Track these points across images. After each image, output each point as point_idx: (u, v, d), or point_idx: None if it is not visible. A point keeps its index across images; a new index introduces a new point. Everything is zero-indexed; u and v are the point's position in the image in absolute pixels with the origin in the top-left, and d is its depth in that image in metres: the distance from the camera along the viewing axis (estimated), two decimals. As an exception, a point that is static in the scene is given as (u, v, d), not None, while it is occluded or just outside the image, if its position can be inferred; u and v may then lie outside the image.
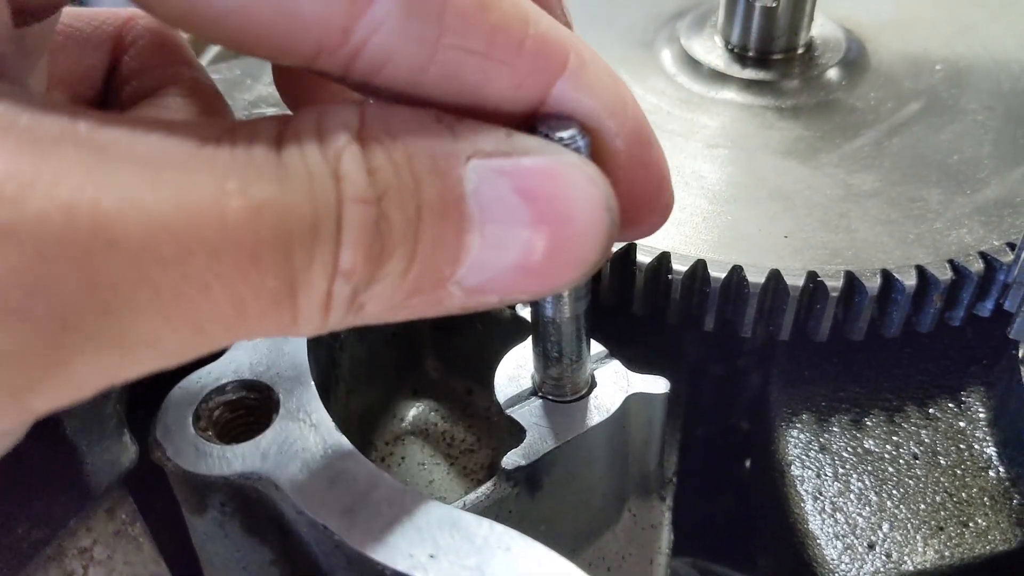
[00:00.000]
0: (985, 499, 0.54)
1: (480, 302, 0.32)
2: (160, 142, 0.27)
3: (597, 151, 0.34)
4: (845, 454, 0.56)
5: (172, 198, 0.25)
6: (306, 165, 0.28)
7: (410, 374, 0.64)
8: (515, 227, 0.30)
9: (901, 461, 0.56)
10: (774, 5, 0.70)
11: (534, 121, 0.33)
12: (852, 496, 0.54)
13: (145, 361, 0.27)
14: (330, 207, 0.28)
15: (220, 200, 0.26)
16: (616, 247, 0.57)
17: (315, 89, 0.42)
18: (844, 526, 0.53)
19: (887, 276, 0.55)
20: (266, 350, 0.48)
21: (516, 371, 0.50)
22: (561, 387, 0.48)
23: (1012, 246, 0.56)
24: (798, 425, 0.58)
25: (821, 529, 0.53)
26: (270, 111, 0.70)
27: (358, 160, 0.28)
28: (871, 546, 0.52)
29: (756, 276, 0.55)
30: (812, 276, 0.55)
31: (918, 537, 0.52)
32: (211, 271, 0.26)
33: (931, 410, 0.58)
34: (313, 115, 0.29)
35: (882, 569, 0.51)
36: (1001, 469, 0.55)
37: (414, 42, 0.29)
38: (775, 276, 0.55)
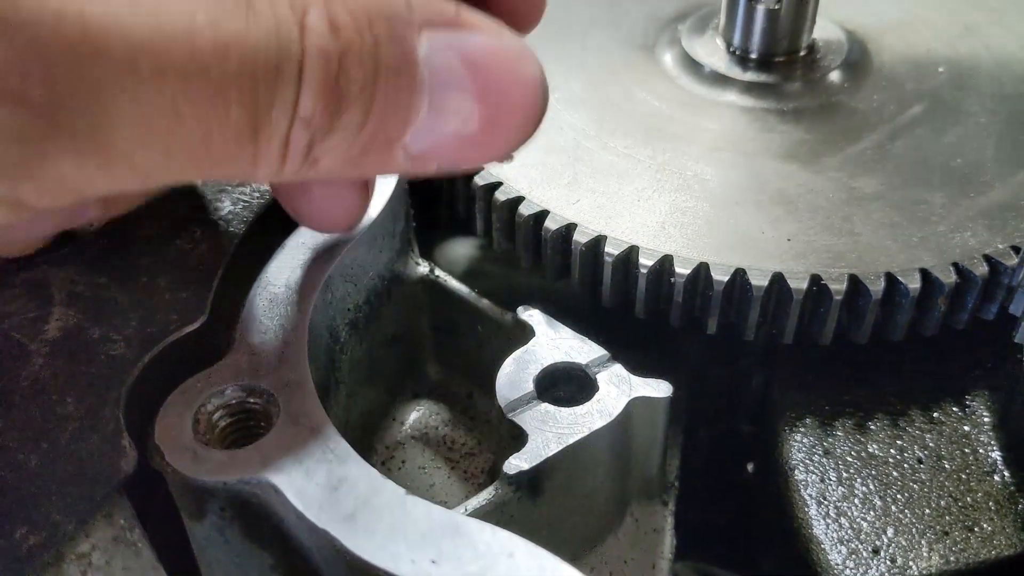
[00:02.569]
0: (990, 503, 0.53)
1: (421, 167, 0.35)
2: None
3: None
4: (849, 458, 0.56)
5: (148, 21, 0.28)
6: (274, 12, 0.30)
7: (411, 377, 0.64)
8: (460, 95, 0.34)
9: (905, 465, 0.55)
10: (776, 7, 0.70)
11: None
12: (856, 500, 0.54)
13: (119, 176, 0.30)
14: (294, 53, 0.30)
15: (190, 30, 0.29)
16: (618, 249, 0.56)
17: None
18: (848, 531, 0.53)
19: (891, 279, 0.54)
20: (266, 354, 0.48)
21: (517, 374, 0.50)
22: None
23: (1017, 249, 0.56)
24: (802, 429, 0.58)
25: (825, 534, 0.53)
26: None
27: (323, 15, 0.31)
28: (876, 551, 0.52)
29: (759, 279, 0.54)
30: (815, 279, 0.54)
31: (923, 542, 0.52)
32: (182, 94, 0.29)
33: (935, 414, 0.58)
34: None
35: (887, 574, 0.51)
36: (1006, 473, 0.55)
37: None
38: (778, 279, 0.54)
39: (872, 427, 0.57)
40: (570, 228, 0.58)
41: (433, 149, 0.35)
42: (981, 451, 0.56)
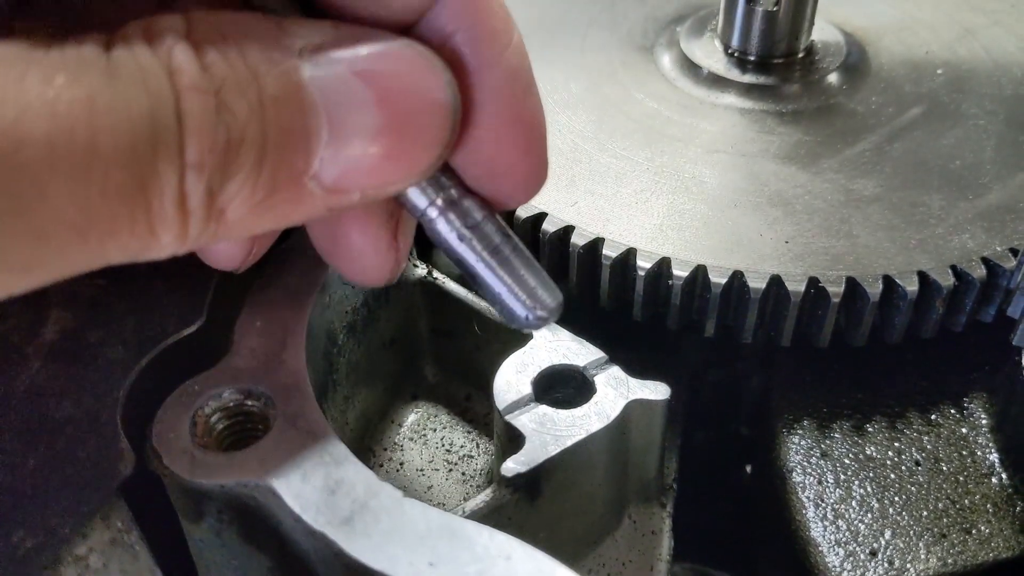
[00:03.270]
0: (988, 506, 0.53)
1: (342, 200, 0.32)
2: None
3: (465, 85, 0.34)
4: (847, 460, 0.56)
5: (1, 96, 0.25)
6: (137, 62, 0.28)
7: (408, 380, 0.64)
8: (360, 109, 0.31)
9: (903, 468, 0.55)
10: (775, 9, 0.70)
11: None
12: (854, 503, 0.54)
13: None
14: (167, 99, 0.28)
15: (49, 93, 0.26)
16: (616, 251, 0.56)
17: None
18: (846, 533, 0.53)
19: (889, 282, 0.54)
20: (263, 356, 0.48)
21: (515, 377, 0.50)
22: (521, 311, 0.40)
23: (1015, 252, 0.56)
24: (799, 431, 0.58)
25: (823, 536, 0.53)
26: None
27: (190, 55, 0.29)
28: (873, 553, 0.52)
29: (757, 282, 0.54)
30: (813, 282, 0.54)
31: (920, 544, 0.52)
32: (47, 167, 0.26)
33: (933, 416, 0.58)
34: (140, 23, 0.29)
35: (884, 577, 0.51)
36: (1004, 476, 0.55)
37: None
38: (776, 282, 0.54)
39: (870, 429, 0.57)
40: (568, 230, 0.58)
41: (346, 175, 0.32)
42: (979, 453, 0.56)
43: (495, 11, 0.35)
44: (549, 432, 0.48)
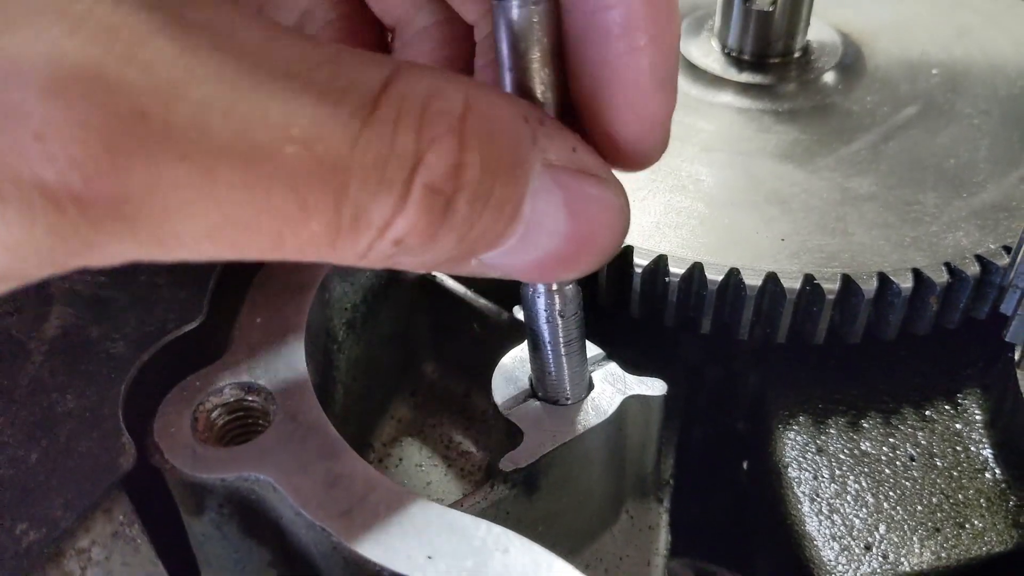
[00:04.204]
0: (981, 501, 0.54)
1: (485, 273, 0.35)
2: (252, 58, 0.27)
3: (609, 58, 0.34)
4: (842, 456, 0.56)
5: (236, 125, 0.26)
6: (394, 137, 0.28)
7: (408, 376, 0.64)
8: (552, 234, 0.33)
9: (898, 463, 0.56)
10: (771, 9, 0.70)
11: None
12: (849, 498, 0.54)
13: (176, 256, 0.28)
14: (397, 183, 0.29)
15: (279, 140, 0.27)
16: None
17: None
18: (841, 527, 0.53)
19: (883, 279, 0.55)
20: (264, 352, 0.48)
21: (513, 373, 0.50)
22: (558, 394, 0.48)
23: (1008, 249, 0.56)
24: (795, 427, 0.58)
25: (818, 530, 0.53)
26: None
27: (450, 154, 0.29)
28: (868, 547, 0.52)
29: (753, 279, 0.55)
30: (809, 279, 0.55)
31: (915, 538, 0.53)
32: (261, 200, 0.27)
33: (928, 412, 0.58)
34: (425, 84, 0.30)
35: (879, 570, 0.52)
36: (997, 471, 0.55)
37: None
38: (772, 279, 0.55)
39: (865, 425, 0.58)
40: (566, 228, 0.59)
41: (506, 266, 0.34)
42: (973, 449, 0.56)
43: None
44: (547, 428, 0.48)
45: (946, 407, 0.58)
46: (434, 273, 0.61)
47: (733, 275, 0.55)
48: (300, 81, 0.27)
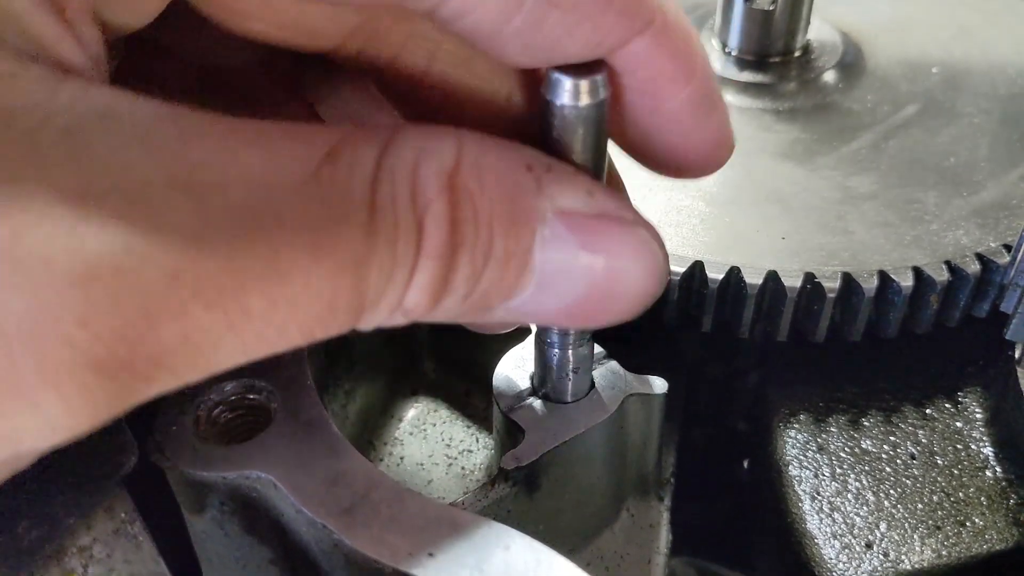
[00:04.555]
0: (982, 499, 0.54)
1: (512, 322, 0.34)
2: (259, 171, 0.27)
3: (654, 109, 0.35)
4: (843, 454, 0.56)
5: (261, 258, 0.27)
6: (395, 216, 0.29)
7: (409, 374, 0.65)
8: (572, 283, 0.32)
9: (898, 461, 0.56)
10: (771, 8, 0.70)
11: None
12: (850, 496, 0.54)
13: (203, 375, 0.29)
14: (408, 261, 0.29)
15: (297, 258, 0.27)
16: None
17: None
18: (842, 525, 0.53)
19: (884, 277, 0.55)
20: (265, 350, 0.48)
21: (514, 371, 0.50)
22: (560, 392, 0.49)
23: (1008, 248, 0.56)
24: (796, 425, 0.58)
25: (819, 529, 0.53)
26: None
27: (445, 216, 0.29)
28: (869, 545, 0.52)
29: (754, 277, 0.55)
30: (809, 277, 0.55)
31: (915, 536, 0.53)
32: (290, 317, 0.28)
33: (928, 410, 0.58)
34: (411, 151, 0.30)
35: (880, 568, 0.52)
36: (998, 469, 0.55)
37: None
38: (773, 277, 0.55)
39: (865, 423, 0.58)
40: (567, 226, 0.59)
41: (530, 313, 0.33)
42: (973, 447, 0.56)
43: (680, 52, 0.34)
44: (548, 426, 0.48)
45: (947, 405, 0.58)
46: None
47: (734, 273, 0.55)
48: (306, 188, 0.28)
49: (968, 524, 0.53)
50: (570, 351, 0.46)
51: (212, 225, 0.26)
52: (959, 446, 0.56)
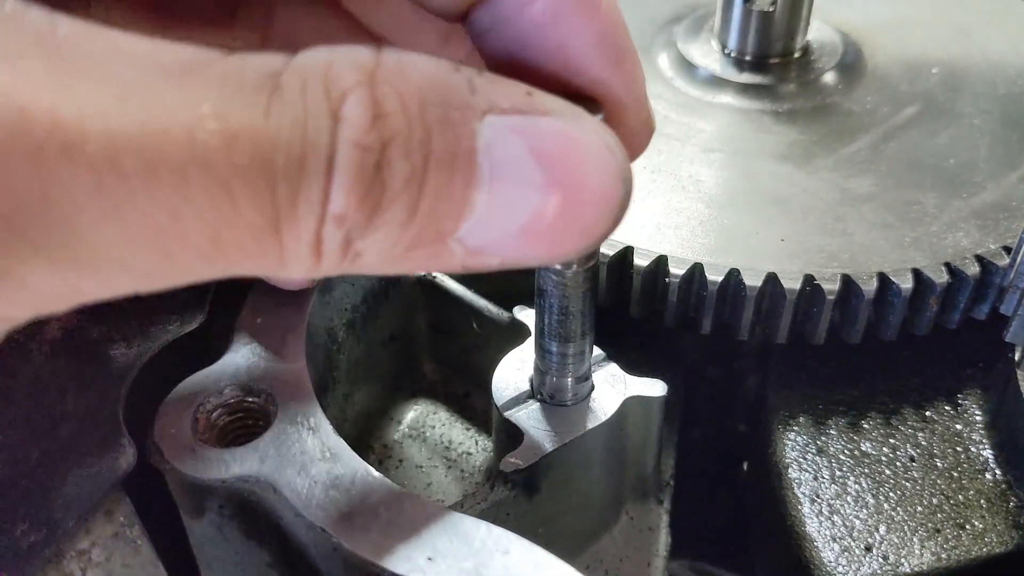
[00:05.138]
0: (982, 501, 0.54)
1: (481, 263, 0.31)
2: (141, 60, 0.26)
3: (561, 43, 0.34)
4: (842, 457, 0.56)
5: (137, 114, 0.25)
6: (304, 101, 0.27)
7: (408, 377, 0.64)
8: (526, 188, 0.30)
9: (898, 463, 0.56)
10: (771, 9, 0.70)
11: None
12: (849, 498, 0.54)
13: (113, 281, 0.27)
14: (321, 146, 0.27)
15: (189, 122, 0.25)
16: (613, 249, 0.57)
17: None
18: (841, 528, 0.53)
19: (883, 279, 0.55)
20: (264, 353, 0.48)
21: (514, 374, 0.50)
22: (564, 375, 0.48)
23: (1008, 249, 0.56)
24: (795, 428, 0.58)
25: (818, 531, 0.53)
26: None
27: (365, 103, 0.27)
28: (868, 548, 0.52)
29: (753, 279, 0.55)
30: (809, 279, 0.55)
31: (915, 539, 0.53)
32: (179, 195, 0.25)
33: (928, 413, 0.58)
34: (324, 52, 0.28)
35: (879, 571, 0.52)
36: (998, 471, 0.55)
37: None
38: (772, 279, 0.55)
39: (865, 426, 0.58)
40: (566, 229, 0.58)
41: (493, 244, 0.31)
42: (973, 449, 0.56)
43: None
44: (547, 428, 0.48)
45: (946, 408, 0.58)
46: (435, 273, 0.61)
47: (733, 276, 0.55)
48: (196, 72, 0.26)
49: (968, 527, 0.53)
50: (571, 305, 0.44)
51: (80, 73, 0.25)
52: (959, 448, 0.56)
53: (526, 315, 0.54)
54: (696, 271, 0.56)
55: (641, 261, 0.56)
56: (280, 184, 0.26)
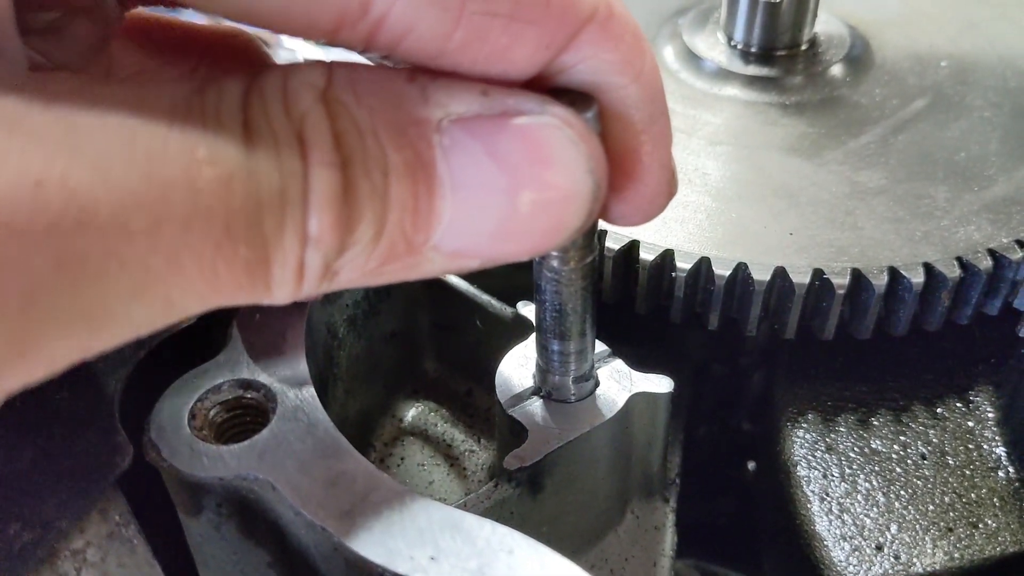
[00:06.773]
0: (995, 500, 0.53)
1: (461, 265, 0.32)
2: (134, 106, 0.26)
3: (608, 112, 0.34)
4: (852, 454, 0.56)
5: (144, 169, 0.25)
6: (271, 129, 0.27)
7: (409, 374, 0.64)
8: (489, 192, 0.30)
9: (909, 461, 0.55)
10: (778, 1, 0.69)
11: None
12: (859, 497, 0.54)
13: (116, 334, 0.27)
14: (296, 173, 0.27)
15: (191, 170, 0.26)
16: (618, 244, 0.56)
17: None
18: (851, 527, 0.53)
19: (894, 274, 0.54)
20: (263, 349, 0.47)
21: (517, 370, 0.50)
22: (565, 373, 0.47)
23: (1021, 243, 0.55)
24: (804, 425, 0.57)
25: (828, 530, 0.53)
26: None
27: (323, 123, 0.28)
28: (879, 547, 0.52)
29: (761, 274, 0.54)
30: (818, 274, 0.54)
31: (927, 538, 0.52)
32: (182, 243, 0.26)
33: (939, 410, 0.57)
34: (279, 74, 0.29)
35: (891, 571, 0.51)
36: (1011, 469, 0.54)
37: (438, 9, 0.29)
38: (780, 273, 0.54)
39: (875, 423, 0.57)
40: (570, 223, 0.58)
41: (470, 247, 0.31)
42: (985, 447, 0.55)
43: (626, 42, 0.33)
44: (551, 426, 0.47)
45: (958, 404, 0.58)
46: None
47: (741, 270, 0.54)
48: (183, 114, 0.26)
49: (980, 526, 0.52)
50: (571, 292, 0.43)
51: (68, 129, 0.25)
52: (971, 446, 0.55)
53: (529, 311, 0.53)
54: (703, 265, 0.55)
55: (647, 255, 0.56)
56: (267, 217, 0.27)
